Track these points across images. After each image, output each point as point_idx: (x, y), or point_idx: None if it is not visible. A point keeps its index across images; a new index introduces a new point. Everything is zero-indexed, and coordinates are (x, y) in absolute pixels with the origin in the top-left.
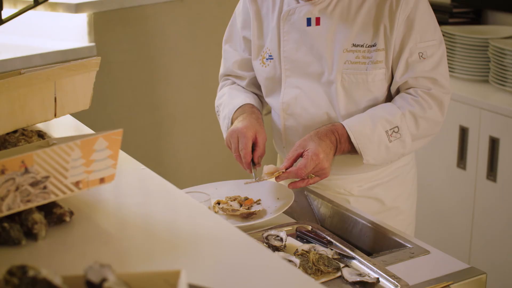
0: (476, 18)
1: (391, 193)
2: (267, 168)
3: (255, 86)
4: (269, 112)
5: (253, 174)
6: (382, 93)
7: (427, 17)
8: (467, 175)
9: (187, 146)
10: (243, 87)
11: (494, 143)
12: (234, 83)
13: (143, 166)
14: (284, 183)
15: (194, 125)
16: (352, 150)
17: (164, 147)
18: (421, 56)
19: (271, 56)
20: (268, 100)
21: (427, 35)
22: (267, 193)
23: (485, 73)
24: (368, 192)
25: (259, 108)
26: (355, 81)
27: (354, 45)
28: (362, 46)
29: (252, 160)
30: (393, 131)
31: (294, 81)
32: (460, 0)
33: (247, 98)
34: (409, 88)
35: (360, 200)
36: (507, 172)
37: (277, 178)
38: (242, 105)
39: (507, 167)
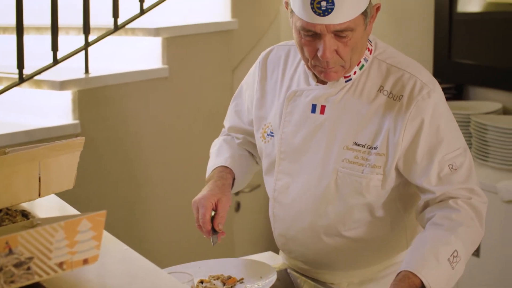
0: (458, 94)
1: None
2: None
3: (250, 144)
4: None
5: (211, 241)
6: (376, 199)
7: (451, 125)
8: None
9: (171, 223)
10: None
11: None
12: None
13: (126, 247)
14: (266, 260)
15: (178, 202)
16: None
17: (148, 224)
18: (452, 168)
19: (272, 133)
20: (265, 178)
21: (453, 144)
22: (250, 271)
23: None
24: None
25: (239, 167)
26: (349, 182)
27: (355, 143)
28: (363, 146)
29: (214, 228)
30: (453, 256)
31: (288, 167)
32: (442, 76)
33: (228, 159)
34: (448, 199)
35: None
36: (490, 247)
37: None
38: (216, 167)
39: (490, 242)
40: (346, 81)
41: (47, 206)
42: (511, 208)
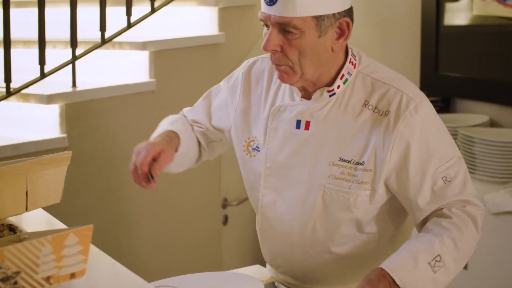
0: (445, 106)
1: None
2: None
3: (205, 137)
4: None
5: (150, 177)
6: (364, 214)
7: (441, 137)
8: None
9: (159, 237)
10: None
11: None
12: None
13: (113, 261)
14: (254, 274)
15: (165, 216)
16: None
17: (136, 238)
18: (445, 180)
19: (258, 148)
20: (249, 193)
21: (445, 156)
22: (237, 285)
23: None
24: None
25: (185, 146)
26: (336, 199)
27: (341, 159)
28: (349, 162)
29: (151, 174)
30: (436, 260)
31: (274, 182)
32: (429, 89)
33: (181, 131)
34: (443, 208)
35: None
36: (478, 259)
37: None
38: (167, 130)
39: (478, 254)
40: (330, 96)
41: (34, 220)
42: (498, 221)
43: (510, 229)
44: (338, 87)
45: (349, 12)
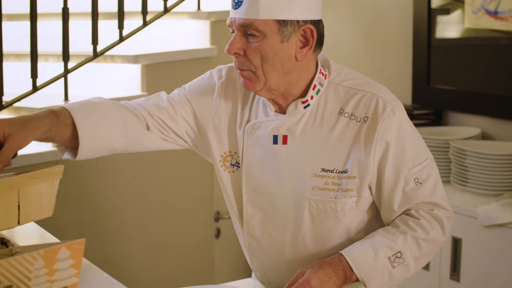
0: (437, 119)
1: None
2: None
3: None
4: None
5: None
6: (352, 220)
7: (415, 139)
8: (431, 275)
9: (151, 250)
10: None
11: (456, 243)
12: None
13: (105, 274)
14: (245, 287)
15: (157, 229)
16: (358, 279)
17: (127, 251)
18: (417, 181)
19: (238, 163)
20: (230, 210)
21: (419, 157)
22: None
23: (447, 174)
24: None
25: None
26: (323, 209)
27: (323, 169)
28: (332, 171)
29: None
30: (396, 256)
31: (256, 200)
32: (421, 101)
33: (81, 110)
34: (410, 209)
35: None
36: (470, 272)
37: None
38: (61, 108)
39: (470, 266)
40: (304, 107)
41: (27, 234)
42: (490, 233)
43: (502, 242)
44: (312, 97)
45: (316, 24)
